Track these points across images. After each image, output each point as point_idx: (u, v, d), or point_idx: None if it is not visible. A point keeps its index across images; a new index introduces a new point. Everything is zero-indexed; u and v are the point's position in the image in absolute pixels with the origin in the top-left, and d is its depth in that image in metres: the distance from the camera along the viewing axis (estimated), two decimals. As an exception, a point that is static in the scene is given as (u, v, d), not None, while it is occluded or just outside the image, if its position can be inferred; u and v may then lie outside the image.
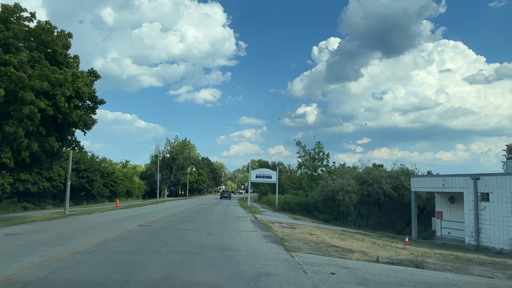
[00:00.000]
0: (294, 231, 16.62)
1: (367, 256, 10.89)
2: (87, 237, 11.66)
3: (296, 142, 62.81)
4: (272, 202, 44.97)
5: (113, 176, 65.67)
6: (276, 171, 41.36)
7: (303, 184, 56.40)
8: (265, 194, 64.25)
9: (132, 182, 76.23)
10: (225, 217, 22.60)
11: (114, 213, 24.26)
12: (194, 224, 17.13)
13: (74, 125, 18.08)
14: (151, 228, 15.08)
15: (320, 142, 61.67)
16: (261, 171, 41.33)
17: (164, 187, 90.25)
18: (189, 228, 15.10)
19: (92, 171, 53.41)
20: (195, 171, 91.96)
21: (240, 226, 17.41)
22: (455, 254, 17.76)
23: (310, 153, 61.34)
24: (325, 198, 30.37)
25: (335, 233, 20.63)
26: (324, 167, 61.56)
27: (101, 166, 61.29)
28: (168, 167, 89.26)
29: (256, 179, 41.28)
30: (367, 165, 31.93)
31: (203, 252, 9.29)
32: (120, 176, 69.90)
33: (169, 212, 26.42)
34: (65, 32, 17.64)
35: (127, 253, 8.94)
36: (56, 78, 15.93)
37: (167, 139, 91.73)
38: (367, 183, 29.31)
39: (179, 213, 25.13)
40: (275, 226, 18.62)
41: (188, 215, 23.24)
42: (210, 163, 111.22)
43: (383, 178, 28.74)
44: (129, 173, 76.77)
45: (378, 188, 28.36)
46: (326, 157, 60.77)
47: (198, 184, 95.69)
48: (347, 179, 29.05)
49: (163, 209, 30.05)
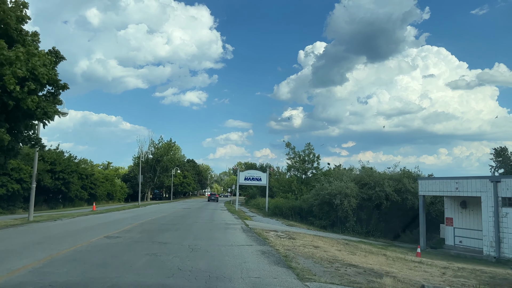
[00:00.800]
0: (296, 243, 13.85)
1: (403, 284, 8.13)
2: (27, 256, 8.68)
3: (286, 144, 60.26)
4: (262, 206, 42.17)
5: (92, 178, 61.93)
6: (266, 173, 38.58)
7: (293, 187, 53.78)
8: (253, 197, 61.32)
9: (113, 185, 72.46)
10: (212, 225, 19.71)
11: (84, 220, 21.14)
12: (174, 235, 14.20)
13: (31, 115, 14.98)
14: (120, 241, 12.11)
15: (310, 144, 59.19)
16: (250, 173, 38.52)
17: (147, 190, 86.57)
18: (167, 241, 12.18)
19: (69, 172, 49.74)
20: (180, 173, 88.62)
21: (230, 236, 14.56)
22: (479, 269, 15.24)
23: (300, 154, 58.81)
24: (321, 203, 27.69)
25: (339, 243, 17.91)
26: (315, 169, 59.13)
27: (79, 168, 57.62)
28: (152, 169, 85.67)
29: (245, 181, 38.44)
30: (367, 166, 29.34)
31: (183, 285, 6.44)
32: (100, 178, 66.18)
33: (148, 218, 23.40)
34: (19, 1, 14.51)
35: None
36: (4, 55, 12.86)
37: (151, 140, 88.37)
38: (367, 186, 26.72)
39: (160, 220, 22.13)
40: (271, 236, 15.82)
41: (169, 222, 20.27)
42: (195, 165, 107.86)
43: (385, 180, 26.19)
44: (110, 175, 73.05)
45: (380, 191, 25.78)
46: (316, 159, 58.32)
47: (183, 187, 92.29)
48: (346, 182, 26.42)
49: (143, 215, 26.99)
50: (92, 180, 62.56)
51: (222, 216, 27.81)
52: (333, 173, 30.57)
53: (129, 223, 19.11)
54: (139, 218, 23.14)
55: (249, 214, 35.72)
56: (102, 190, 65.19)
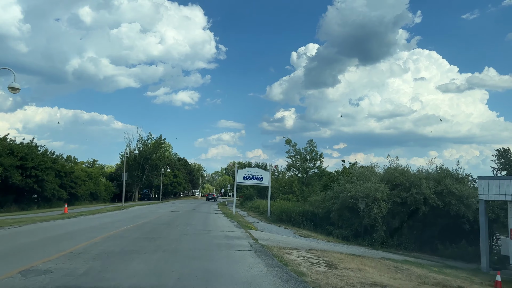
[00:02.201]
0: (339, 274, 8.53)
1: None
2: None
3: (286, 140, 55.00)
4: (262, 210, 36.79)
5: (72, 176, 55.98)
6: (268, 172, 33.18)
7: (294, 187, 48.62)
8: (249, 198, 55.74)
9: (97, 184, 66.42)
10: (208, 239, 14.29)
11: (30, 230, 15.53)
12: (147, 266, 8.78)
13: None
14: (50, 280, 6.68)
15: (312, 141, 54.10)
16: (250, 171, 33.08)
17: (135, 189, 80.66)
18: (131, 285, 6.77)
19: (42, 169, 43.77)
20: (170, 172, 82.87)
21: (240, 267, 9.16)
22: None
23: (301, 153, 53.69)
24: (340, 207, 22.38)
25: (388, 268, 12.61)
26: (317, 168, 54.03)
27: (57, 164, 51.78)
28: (140, 167, 79.74)
29: (244, 181, 33.04)
30: (396, 162, 24.00)
31: None
32: (82, 176, 60.19)
33: (124, 226, 17.94)
34: None
35: None
36: None
37: (140, 137, 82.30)
38: (400, 188, 21.44)
39: (137, 230, 16.67)
40: (299, 260, 10.49)
41: (147, 235, 14.82)
42: (187, 164, 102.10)
43: (422, 180, 20.98)
44: (94, 174, 66.93)
45: (417, 194, 20.53)
46: (319, 158, 53.25)
47: (173, 187, 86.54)
48: (374, 182, 21.17)
49: (120, 221, 21.52)
50: (73, 178, 56.56)
51: (218, 223, 22.42)
52: (353, 172, 25.28)
53: (93, 235, 13.65)
54: (112, 226, 17.68)
55: (249, 219, 30.36)
56: (84, 190, 59.22)
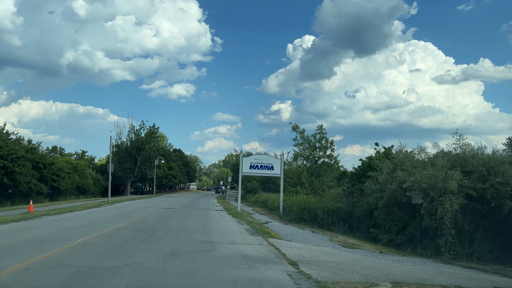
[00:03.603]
0: None
1: None
2: None
3: (293, 127, 48.99)
4: (272, 205, 31.02)
5: (54, 168, 49.98)
6: (280, 160, 27.33)
7: (303, 179, 42.75)
8: (252, 191, 49.70)
9: (84, 177, 60.20)
10: (212, 265, 8.51)
11: None
12: None
13: None
14: None
15: (322, 126, 47.91)
16: (258, 159, 27.17)
17: (127, 182, 74.57)
18: None
19: (13, 159, 37.71)
20: (164, 163, 76.78)
21: None
22: None
23: (309, 140, 47.71)
24: (388, 204, 16.53)
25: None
26: (328, 157, 47.93)
27: (36, 154, 45.75)
28: (132, 158, 73.45)
29: (251, 170, 27.14)
30: (464, 142, 18.09)
31: None
32: (66, 168, 54.12)
33: (87, 234, 12.16)
34: None
35: None
36: None
37: (131, 126, 75.67)
38: (474, 176, 15.65)
39: (100, 244, 10.87)
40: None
41: (110, 257, 9.00)
42: (182, 156, 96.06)
43: (506, 165, 15.16)
44: (80, 165, 60.72)
45: (501, 184, 14.74)
46: (330, 145, 47.17)
47: (168, 180, 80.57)
48: (440, 168, 15.36)
49: (89, 224, 15.67)
50: (55, 170, 50.49)
51: (223, 227, 16.63)
52: (397, 157, 19.39)
53: (39, 252, 7.75)
54: (78, 233, 11.91)
55: (258, 217, 24.60)
56: (68, 183, 53.17)
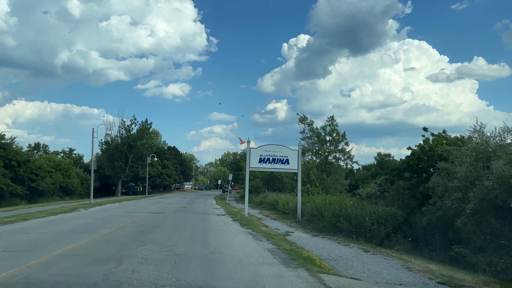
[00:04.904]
0: None
1: None
2: None
3: (300, 118, 43.56)
4: (283, 208, 25.60)
5: (31, 166, 44.40)
6: (297, 151, 21.98)
7: (312, 176, 37.27)
8: (255, 191, 43.96)
9: (68, 176, 54.37)
10: None
11: None
12: None
13: None
14: None
15: (333, 117, 42.41)
16: (270, 151, 21.59)
17: (118, 182, 68.87)
18: None
19: (-23, 155, 32.16)
20: (158, 161, 71.12)
21: None
22: None
23: (319, 133, 42.29)
24: (478, 209, 11.24)
25: None
26: (340, 152, 42.40)
27: (8, 151, 40.23)
28: (123, 156, 67.79)
29: (261, 165, 21.71)
30: None
31: None
32: (47, 166, 48.38)
33: (38, 256, 6.63)
34: None
35: None
36: None
37: (122, 121, 69.94)
38: None
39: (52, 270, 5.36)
40: None
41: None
42: (177, 153, 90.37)
43: None
44: (64, 164, 54.90)
45: None
46: (342, 139, 41.71)
47: (162, 179, 74.92)
48: None
49: (31, 243, 10.21)
50: (33, 169, 44.88)
51: (232, 245, 11.29)
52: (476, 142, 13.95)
53: None
54: None
55: (271, 224, 19.27)
56: (49, 183, 47.44)
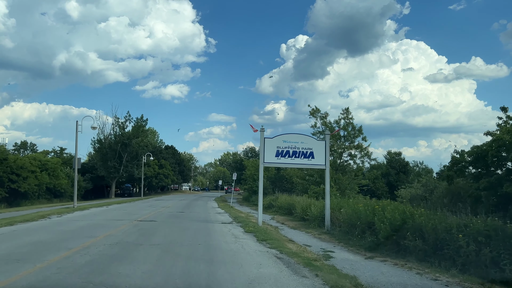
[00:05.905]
0: None
1: None
2: None
3: (310, 111, 38.57)
4: (302, 213, 20.95)
5: (12, 166, 39.72)
6: (324, 142, 17.47)
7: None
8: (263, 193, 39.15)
9: (56, 177, 49.42)
10: None
11: None
12: None
13: None
14: None
15: (348, 109, 37.39)
16: (290, 141, 16.82)
17: (112, 183, 64.14)
18: None
19: None
20: (155, 161, 66.32)
21: None
22: None
23: (333, 128, 37.36)
24: None
25: None
26: (357, 149, 37.41)
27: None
28: (117, 155, 63.06)
29: (278, 160, 17.06)
30: None
31: None
32: (30, 166, 43.54)
33: None
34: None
35: None
36: None
37: (115, 118, 65.27)
38: None
39: None
40: None
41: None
42: (175, 153, 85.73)
43: None
44: (51, 163, 50.03)
45: None
46: (359, 133, 36.58)
47: (159, 180, 70.25)
48: None
49: None
50: (13, 169, 40.20)
51: (255, 277, 6.51)
52: None
53: None
54: None
55: (294, 236, 14.72)
56: (32, 184, 42.64)
